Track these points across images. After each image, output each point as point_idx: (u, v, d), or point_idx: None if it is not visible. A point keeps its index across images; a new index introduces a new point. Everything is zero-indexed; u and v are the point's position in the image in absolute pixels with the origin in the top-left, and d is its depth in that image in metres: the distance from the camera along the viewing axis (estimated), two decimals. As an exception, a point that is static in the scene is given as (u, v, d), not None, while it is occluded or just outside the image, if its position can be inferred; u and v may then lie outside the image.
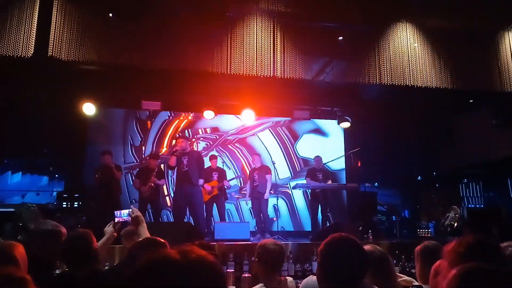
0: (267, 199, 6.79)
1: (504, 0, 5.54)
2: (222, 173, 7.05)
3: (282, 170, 8.21)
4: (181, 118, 8.41)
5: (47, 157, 8.18)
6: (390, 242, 6.13)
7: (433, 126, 8.81)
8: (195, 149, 7.97)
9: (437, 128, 8.94)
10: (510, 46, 5.83)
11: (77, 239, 2.13)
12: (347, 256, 1.58)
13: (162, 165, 7.45)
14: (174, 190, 6.45)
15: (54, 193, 7.74)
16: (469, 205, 9.80)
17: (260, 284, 2.42)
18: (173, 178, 7.88)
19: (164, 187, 7.40)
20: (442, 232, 7.23)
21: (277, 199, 7.05)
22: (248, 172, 7.63)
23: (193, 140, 7.96)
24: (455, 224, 7.15)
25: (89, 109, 7.23)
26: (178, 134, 7.97)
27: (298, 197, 8.14)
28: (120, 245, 5.17)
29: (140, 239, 2.21)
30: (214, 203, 6.79)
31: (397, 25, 5.58)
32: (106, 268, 4.26)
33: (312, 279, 2.25)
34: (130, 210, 2.56)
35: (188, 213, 6.37)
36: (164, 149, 8.06)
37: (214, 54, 5.05)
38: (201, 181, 6.22)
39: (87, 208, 6.52)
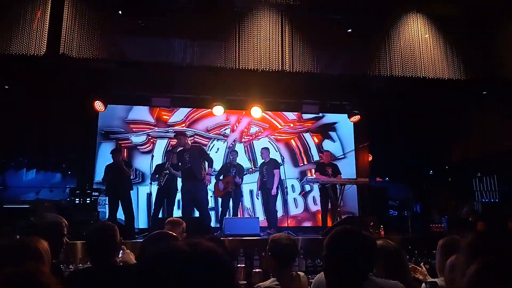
0: (275, 195, 6.75)
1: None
2: (240, 169, 7.02)
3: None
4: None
5: (60, 154, 8.30)
6: (402, 237, 6.07)
7: (445, 118, 8.67)
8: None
9: (449, 121, 8.79)
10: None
11: (102, 231, 2.17)
12: (352, 248, 1.57)
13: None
14: (181, 187, 6.46)
15: (67, 190, 7.86)
16: (484, 199, 9.64)
17: (273, 279, 2.41)
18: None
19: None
20: (455, 226, 7.14)
21: (286, 195, 7.02)
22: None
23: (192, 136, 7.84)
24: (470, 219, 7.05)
25: (99, 105, 7.31)
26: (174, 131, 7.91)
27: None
28: (131, 241, 5.26)
29: (152, 233, 2.26)
30: (230, 198, 6.78)
31: (408, 16, 5.48)
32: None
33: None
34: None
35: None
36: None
37: (222, 49, 5.05)
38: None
39: (99, 204, 6.61)
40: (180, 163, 6.28)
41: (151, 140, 8.01)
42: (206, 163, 6.35)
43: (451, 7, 5.37)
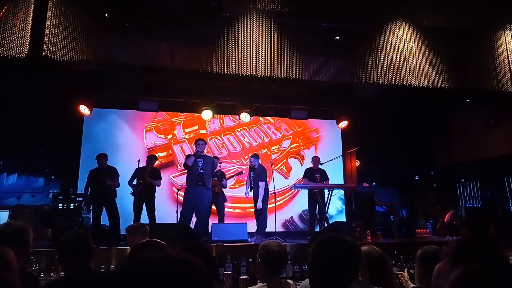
0: (259, 209, 6.64)
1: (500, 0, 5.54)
2: (221, 174, 7.03)
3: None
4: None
5: (43, 158, 8.13)
6: (388, 242, 6.13)
7: (430, 125, 8.83)
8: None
9: (433, 127, 8.96)
10: (506, 45, 5.84)
11: (75, 237, 2.12)
12: (337, 256, 1.58)
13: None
14: (184, 191, 6.34)
15: (50, 195, 7.69)
16: (467, 205, 9.82)
17: (263, 284, 2.40)
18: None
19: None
20: (440, 231, 7.25)
21: (275, 200, 7.00)
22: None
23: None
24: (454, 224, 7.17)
25: (84, 109, 7.19)
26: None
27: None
28: (117, 247, 5.17)
29: (142, 241, 2.21)
30: (213, 204, 6.74)
31: (394, 25, 5.58)
32: (102, 270, 4.25)
33: None
34: None
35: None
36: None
37: (210, 53, 5.03)
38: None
39: (83, 210, 6.48)
40: (191, 167, 6.19)
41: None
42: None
43: (437, 18, 5.48)
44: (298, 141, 8.66)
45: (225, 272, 4.44)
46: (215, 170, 6.73)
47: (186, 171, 6.42)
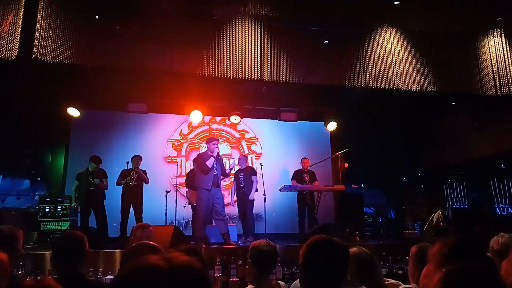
0: (253, 200, 6.75)
1: (483, 5, 5.69)
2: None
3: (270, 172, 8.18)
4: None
5: (29, 159, 8.00)
6: (377, 243, 6.20)
7: (417, 127, 8.98)
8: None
9: (420, 130, 9.12)
10: (489, 51, 6.00)
11: (66, 239, 2.08)
12: (326, 257, 1.61)
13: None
14: (202, 192, 5.98)
15: (36, 197, 7.57)
16: (454, 206, 10.01)
17: (251, 286, 2.41)
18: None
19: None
20: (428, 232, 7.37)
21: (265, 202, 7.03)
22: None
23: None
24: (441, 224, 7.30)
25: (73, 111, 7.11)
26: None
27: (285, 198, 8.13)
28: (105, 250, 5.12)
29: (134, 244, 2.20)
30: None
31: (381, 30, 5.69)
32: (90, 273, 4.21)
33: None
34: None
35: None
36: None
37: (201, 56, 5.05)
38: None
39: (70, 212, 6.40)
40: (210, 168, 5.92)
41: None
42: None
43: (423, 23, 5.61)
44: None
45: (215, 275, 4.44)
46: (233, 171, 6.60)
47: (201, 172, 6.05)
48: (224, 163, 6.36)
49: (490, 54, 5.98)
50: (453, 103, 8.28)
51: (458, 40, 5.91)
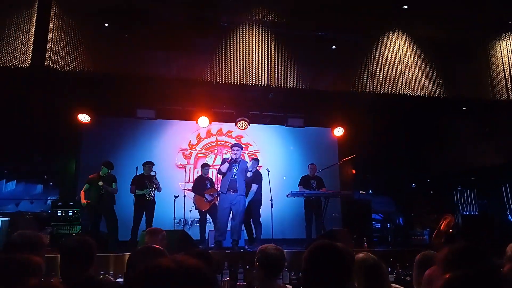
0: (259, 205, 6.63)
1: (494, 10, 5.65)
2: (212, 181, 7.06)
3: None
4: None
5: (42, 165, 8.14)
6: (384, 249, 6.15)
7: (425, 133, 8.90)
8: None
9: (429, 135, 9.03)
10: (501, 55, 5.92)
11: (80, 242, 2.12)
12: (328, 263, 1.61)
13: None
14: (219, 197, 6.17)
15: (49, 201, 7.68)
16: (464, 212, 9.86)
17: None
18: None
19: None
20: (436, 239, 7.27)
21: (272, 207, 7.01)
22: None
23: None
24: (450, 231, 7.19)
25: (84, 117, 7.23)
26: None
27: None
28: (115, 253, 5.18)
29: (139, 248, 2.23)
30: (209, 212, 6.76)
31: (390, 35, 5.67)
32: (101, 276, 4.26)
33: None
34: None
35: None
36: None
37: (208, 63, 5.11)
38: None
39: (81, 216, 6.49)
40: (225, 173, 6.00)
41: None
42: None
43: (433, 29, 5.58)
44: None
45: (223, 279, 4.46)
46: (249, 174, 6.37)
47: (221, 176, 6.20)
48: (247, 168, 6.18)
49: (502, 58, 5.91)
50: (464, 108, 8.20)
51: (468, 44, 5.85)
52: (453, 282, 1.08)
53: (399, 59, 5.64)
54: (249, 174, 6.09)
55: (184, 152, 8.49)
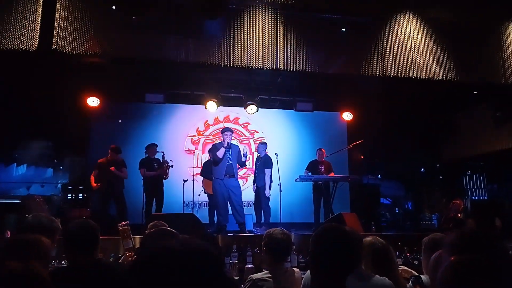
0: (268, 197, 6.69)
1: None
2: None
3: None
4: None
5: (52, 149, 8.25)
6: (393, 234, 6.16)
7: (436, 118, 8.78)
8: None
9: (440, 120, 8.91)
10: (515, 36, 5.76)
11: (84, 227, 2.15)
12: (335, 245, 1.61)
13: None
14: (216, 181, 6.09)
15: (59, 185, 7.82)
16: (473, 197, 9.79)
17: (265, 271, 2.46)
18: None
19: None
20: (445, 224, 7.26)
21: (280, 192, 7.05)
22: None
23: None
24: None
25: (93, 101, 7.27)
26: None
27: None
28: (140, 236, 5.27)
29: (153, 230, 2.28)
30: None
31: (400, 17, 5.53)
32: (111, 259, 4.36)
33: None
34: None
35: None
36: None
37: (216, 46, 5.06)
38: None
39: (91, 200, 6.60)
40: (220, 158, 5.96)
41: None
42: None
43: (445, 11, 5.43)
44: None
45: (231, 262, 4.53)
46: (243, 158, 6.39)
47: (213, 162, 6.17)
48: (240, 152, 6.25)
49: (515, 40, 5.75)
50: (474, 93, 8.04)
51: (480, 26, 5.69)
52: (457, 265, 1.08)
53: (410, 42, 5.51)
54: (243, 159, 6.09)
55: (192, 138, 8.55)
